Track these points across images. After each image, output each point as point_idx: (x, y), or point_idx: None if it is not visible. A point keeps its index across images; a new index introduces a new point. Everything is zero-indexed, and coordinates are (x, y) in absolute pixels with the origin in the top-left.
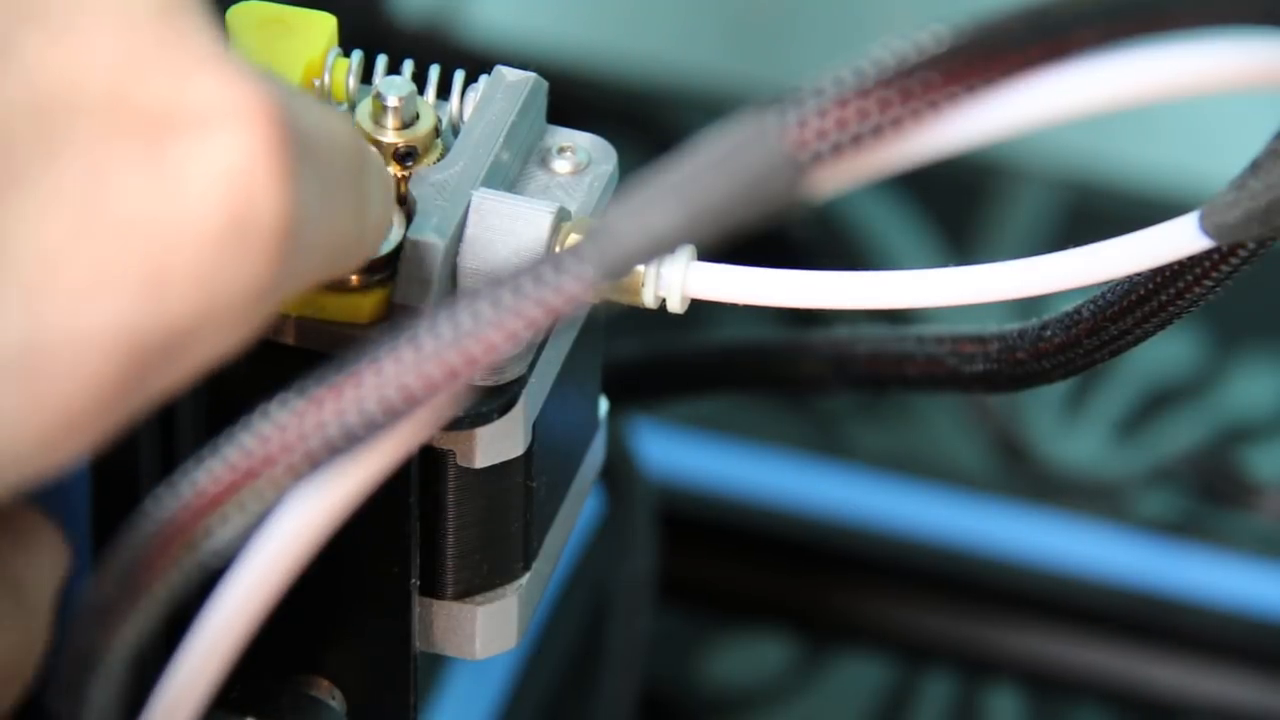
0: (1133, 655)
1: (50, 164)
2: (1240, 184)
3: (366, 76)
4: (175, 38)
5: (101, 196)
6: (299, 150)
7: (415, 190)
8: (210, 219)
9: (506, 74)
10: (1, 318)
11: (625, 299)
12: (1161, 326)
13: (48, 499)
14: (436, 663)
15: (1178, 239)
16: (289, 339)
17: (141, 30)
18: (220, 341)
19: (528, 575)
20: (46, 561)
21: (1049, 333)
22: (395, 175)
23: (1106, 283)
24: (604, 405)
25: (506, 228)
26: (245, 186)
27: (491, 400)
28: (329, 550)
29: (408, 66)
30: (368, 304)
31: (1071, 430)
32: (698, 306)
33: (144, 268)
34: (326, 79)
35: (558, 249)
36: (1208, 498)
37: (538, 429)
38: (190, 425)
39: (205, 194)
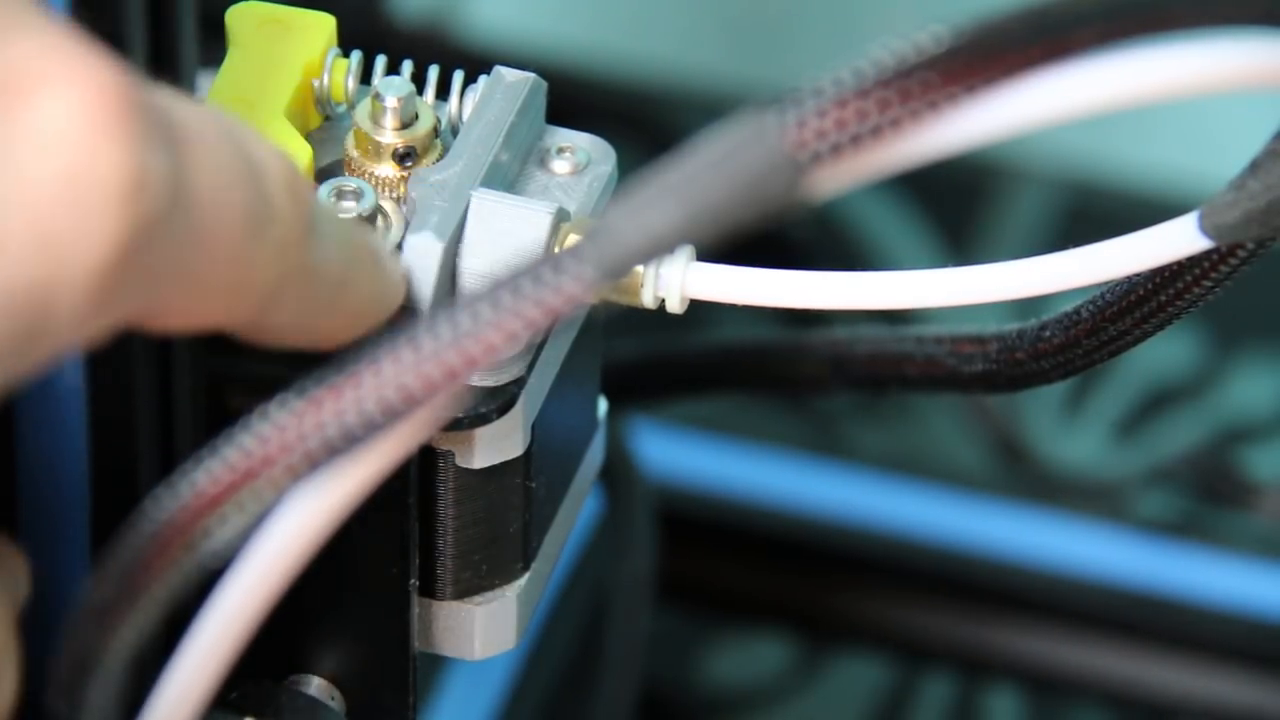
0: (1133, 655)
1: None
2: (1239, 184)
3: (366, 77)
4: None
5: None
6: (145, 117)
7: (414, 190)
8: (41, 178)
9: (505, 74)
10: None
11: (624, 299)
12: (1161, 327)
13: (49, 500)
14: (436, 663)
15: (1177, 239)
16: None
17: None
18: (81, 313)
19: (527, 575)
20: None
21: (1048, 333)
22: (394, 175)
23: (1106, 283)
24: (603, 405)
25: (506, 228)
26: (74, 145)
27: (491, 401)
28: (328, 551)
29: (407, 67)
30: None
31: (1071, 430)
32: (697, 306)
33: None
34: (325, 79)
35: (557, 249)
36: (1207, 498)
37: (537, 429)
38: (189, 425)
39: (33, 155)
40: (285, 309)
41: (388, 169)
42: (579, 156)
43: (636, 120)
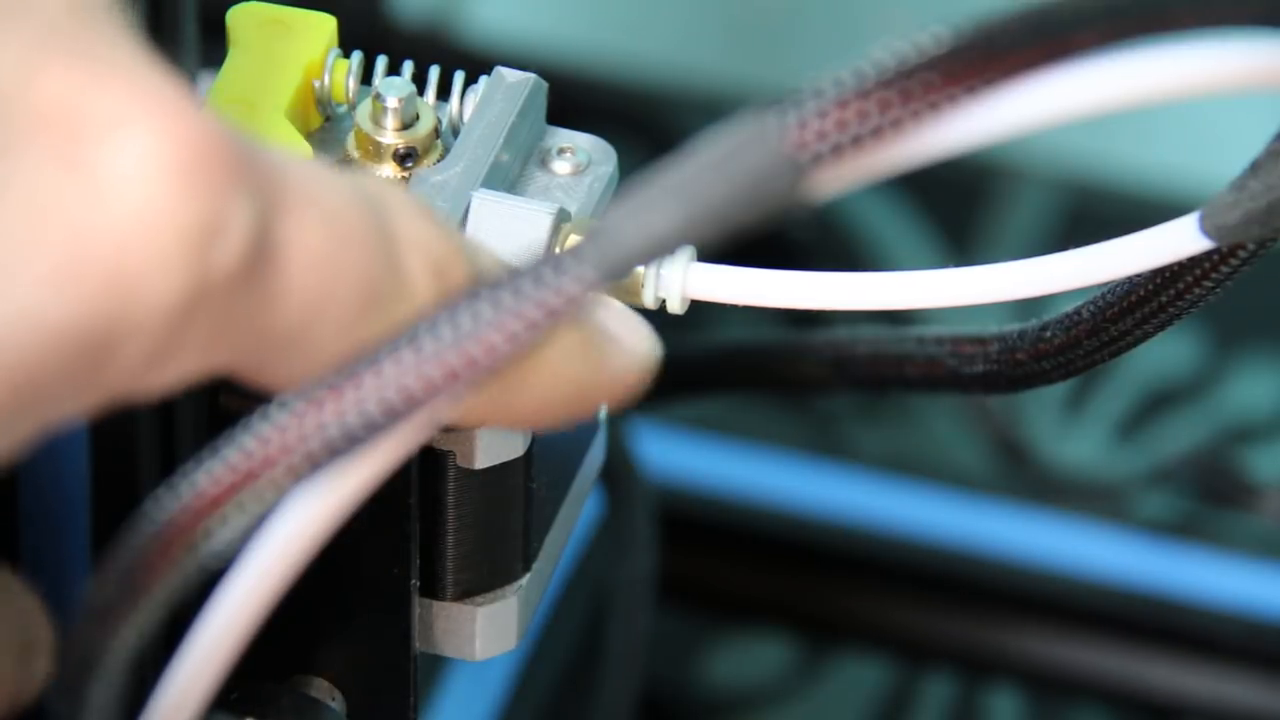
0: (1133, 655)
1: None
2: (1240, 185)
3: (366, 77)
4: (89, 39)
5: (6, 187)
6: (233, 168)
7: (415, 191)
8: (119, 219)
9: (506, 75)
10: None
11: (625, 299)
12: (1161, 327)
13: (48, 500)
14: (436, 663)
15: (1178, 240)
16: None
17: (55, 29)
18: (148, 354)
19: (528, 576)
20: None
21: (1049, 334)
22: (395, 176)
23: (1106, 283)
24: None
25: (506, 229)
26: (156, 188)
27: None
28: (329, 551)
29: (407, 67)
30: None
31: (1071, 431)
32: (698, 306)
33: (53, 259)
34: (326, 80)
35: (558, 250)
36: (1208, 498)
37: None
38: (190, 425)
39: (114, 192)
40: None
41: (388, 170)
42: (580, 157)
43: (637, 120)
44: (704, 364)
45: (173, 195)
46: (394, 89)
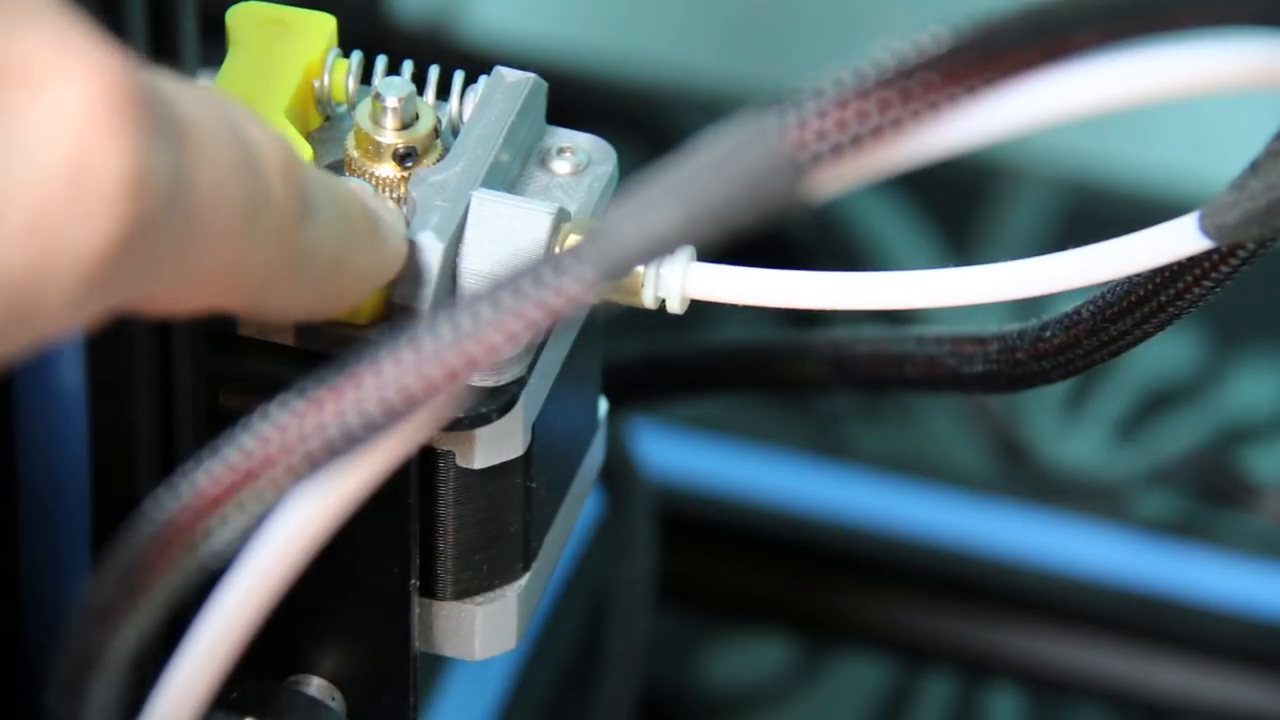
0: (1133, 655)
1: None
2: (1240, 185)
3: (366, 77)
4: None
5: None
6: (149, 111)
7: (415, 191)
8: (40, 168)
9: (506, 75)
10: None
11: (625, 299)
12: (1161, 327)
13: (48, 500)
14: (436, 663)
15: (1177, 239)
16: (288, 340)
17: None
18: (71, 301)
19: (527, 576)
20: None
21: (1049, 333)
22: (395, 176)
23: (1106, 283)
24: (604, 405)
25: (506, 228)
26: (76, 137)
27: (491, 401)
28: (329, 551)
29: (407, 67)
30: (367, 305)
31: (1071, 431)
32: (698, 306)
33: None
34: (326, 79)
35: (557, 250)
36: (1208, 498)
37: (537, 430)
38: (190, 425)
39: (34, 144)
40: (282, 291)
41: (388, 169)
42: (579, 157)
43: (636, 120)
44: (704, 364)
45: (100, 144)
46: (394, 89)
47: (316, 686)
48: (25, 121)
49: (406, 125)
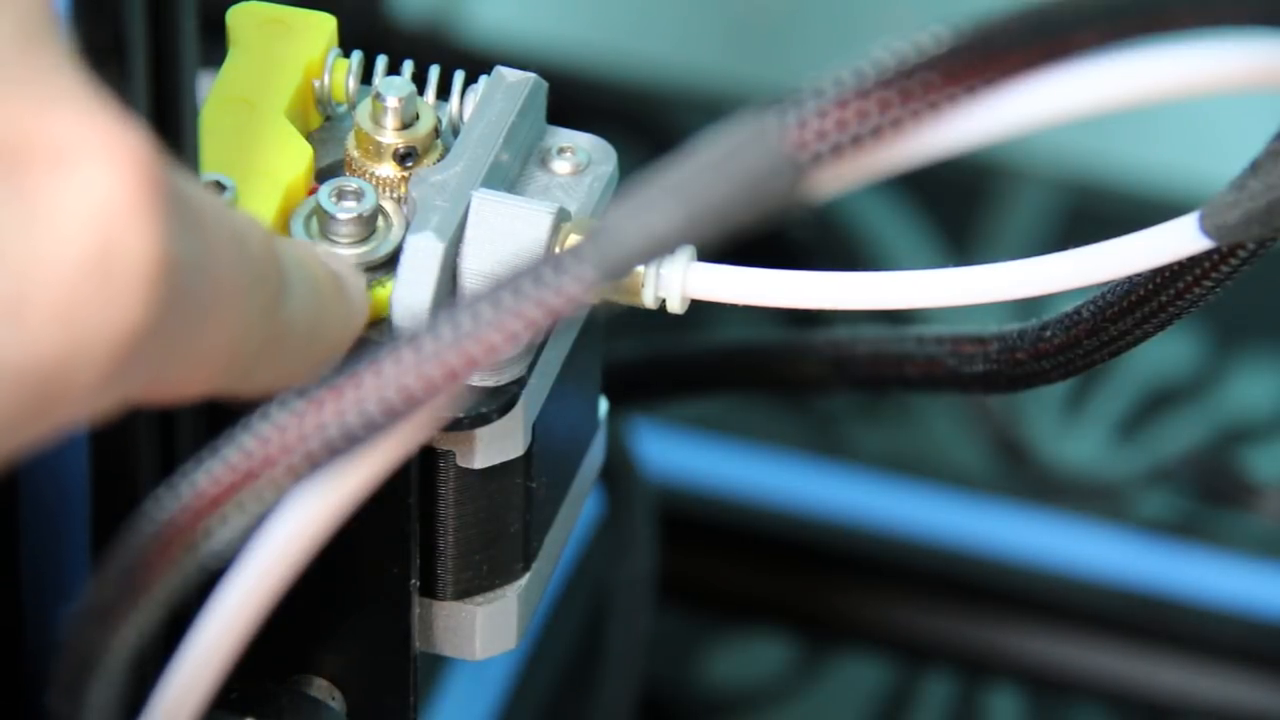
0: (1133, 655)
1: None
2: (1240, 185)
3: (366, 77)
4: (37, 72)
5: None
6: (170, 197)
7: (415, 191)
8: (70, 252)
9: (506, 74)
10: None
11: (625, 299)
12: (1161, 327)
13: (48, 500)
14: (436, 663)
15: (1178, 239)
16: None
17: (2, 63)
18: (94, 388)
19: (528, 576)
20: None
21: (1049, 333)
22: (395, 175)
23: (1106, 283)
24: (604, 405)
25: (506, 228)
26: (107, 222)
27: (491, 401)
28: (329, 551)
29: (407, 67)
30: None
31: (1071, 430)
32: (698, 306)
33: (3, 295)
34: (326, 79)
35: (557, 249)
36: (1208, 498)
37: (537, 429)
38: (190, 426)
39: (64, 227)
40: (267, 367)
41: (388, 169)
42: (580, 157)
43: (636, 120)
44: (704, 364)
45: (125, 228)
46: (394, 88)
47: (316, 686)
48: (54, 204)
49: (407, 125)
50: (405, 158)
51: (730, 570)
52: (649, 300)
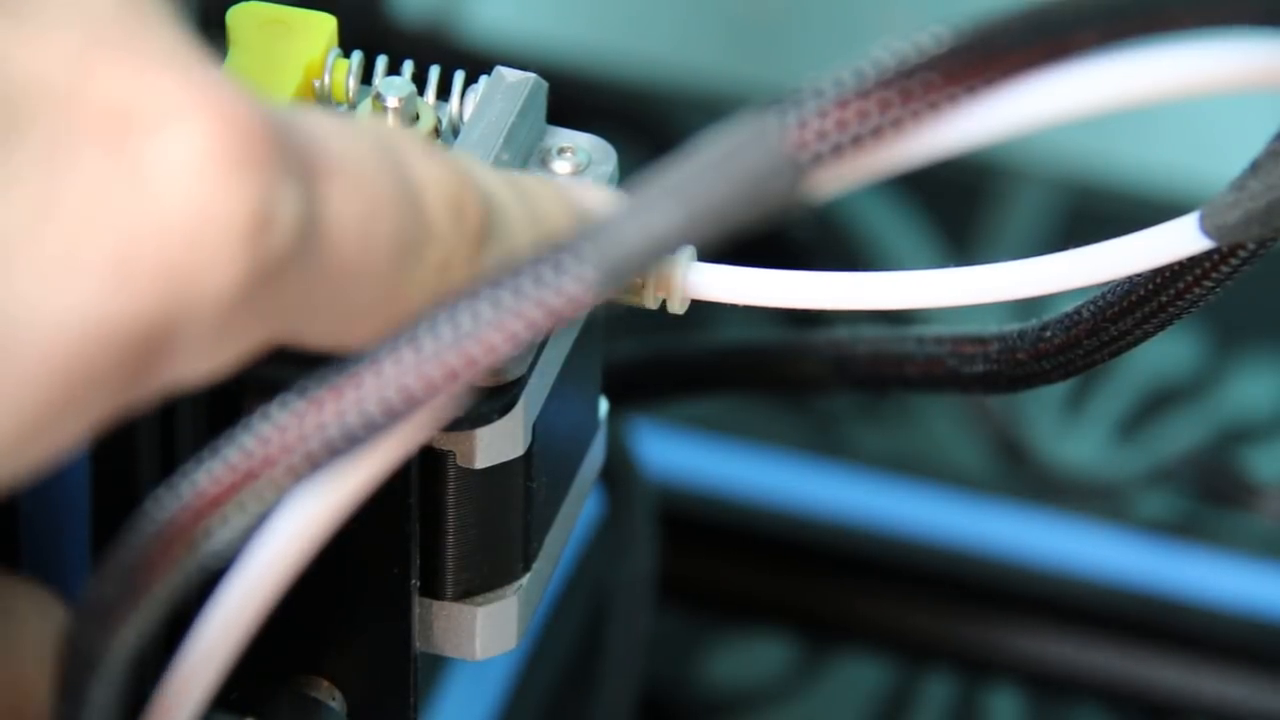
0: (1133, 655)
1: (11, 152)
2: (1240, 185)
3: (366, 77)
4: (137, 35)
5: (61, 184)
6: (279, 154)
7: None
8: (170, 212)
9: (506, 75)
10: None
11: (625, 299)
12: (1161, 327)
13: (48, 500)
14: (436, 663)
15: (1178, 239)
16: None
17: (104, 26)
18: (202, 346)
19: (528, 576)
20: (32, 628)
21: (1049, 333)
22: None
23: (1106, 283)
24: (604, 405)
25: None
26: (202, 180)
27: (491, 401)
28: (329, 551)
29: (408, 67)
30: None
31: (1071, 430)
32: (698, 306)
33: (107, 255)
34: (326, 79)
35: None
36: (1208, 498)
37: (538, 430)
38: (190, 425)
39: (162, 188)
40: None
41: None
42: (580, 157)
43: (636, 120)
44: (704, 364)
45: (223, 187)
46: (394, 89)
47: (316, 686)
48: (151, 164)
49: (407, 125)
50: None
51: (730, 570)
52: (649, 300)
